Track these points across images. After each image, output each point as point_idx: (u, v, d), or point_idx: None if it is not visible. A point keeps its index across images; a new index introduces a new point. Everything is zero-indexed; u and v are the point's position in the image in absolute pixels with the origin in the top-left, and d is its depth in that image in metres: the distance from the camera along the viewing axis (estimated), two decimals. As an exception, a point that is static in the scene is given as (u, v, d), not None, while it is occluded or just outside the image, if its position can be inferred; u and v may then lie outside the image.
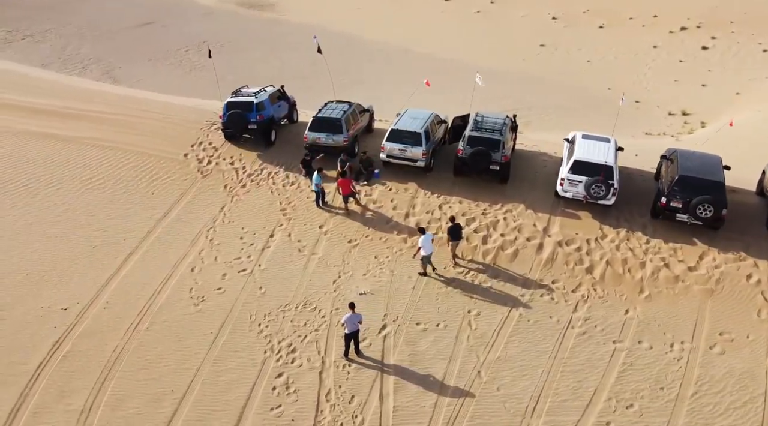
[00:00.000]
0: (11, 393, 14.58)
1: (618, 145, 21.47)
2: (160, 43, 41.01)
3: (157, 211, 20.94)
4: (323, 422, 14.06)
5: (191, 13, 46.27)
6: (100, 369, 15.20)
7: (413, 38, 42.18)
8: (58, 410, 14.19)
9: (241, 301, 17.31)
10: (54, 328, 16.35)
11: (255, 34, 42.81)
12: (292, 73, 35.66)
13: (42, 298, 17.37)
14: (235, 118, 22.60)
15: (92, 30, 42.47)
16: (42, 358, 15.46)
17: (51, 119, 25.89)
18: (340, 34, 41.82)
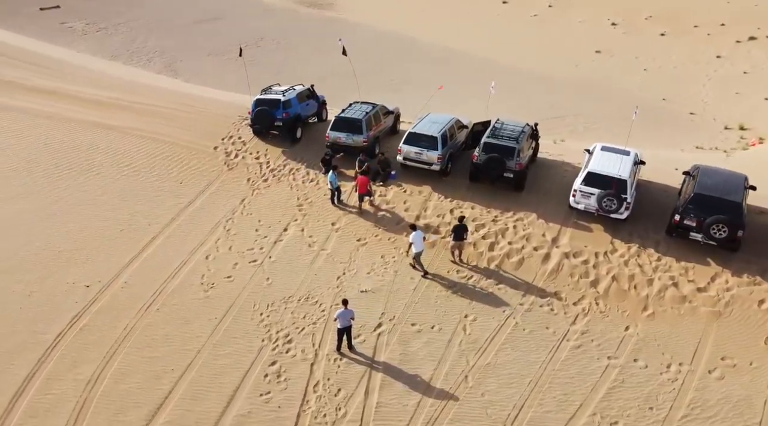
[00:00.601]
0: (30, 359, 15.87)
1: (640, 158, 21.07)
2: (220, 38, 42.34)
3: (183, 199, 22.11)
4: (308, 411, 14.62)
5: (253, 10, 47.59)
6: (111, 344, 16.31)
7: (467, 41, 41.91)
8: (68, 378, 15.36)
9: (248, 291, 18.12)
10: (75, 303, 17.63)
11: (310, 32, 43.67)
12: (340, 72, 36.01)
13: (69, 275, 18.74)
14: (262, 115, 23.53)
15: (161, 24, 44.29)
16: (61, 330, 16.74)
17: (99, 109, 27.63)
18: (394, 34, 42.19)
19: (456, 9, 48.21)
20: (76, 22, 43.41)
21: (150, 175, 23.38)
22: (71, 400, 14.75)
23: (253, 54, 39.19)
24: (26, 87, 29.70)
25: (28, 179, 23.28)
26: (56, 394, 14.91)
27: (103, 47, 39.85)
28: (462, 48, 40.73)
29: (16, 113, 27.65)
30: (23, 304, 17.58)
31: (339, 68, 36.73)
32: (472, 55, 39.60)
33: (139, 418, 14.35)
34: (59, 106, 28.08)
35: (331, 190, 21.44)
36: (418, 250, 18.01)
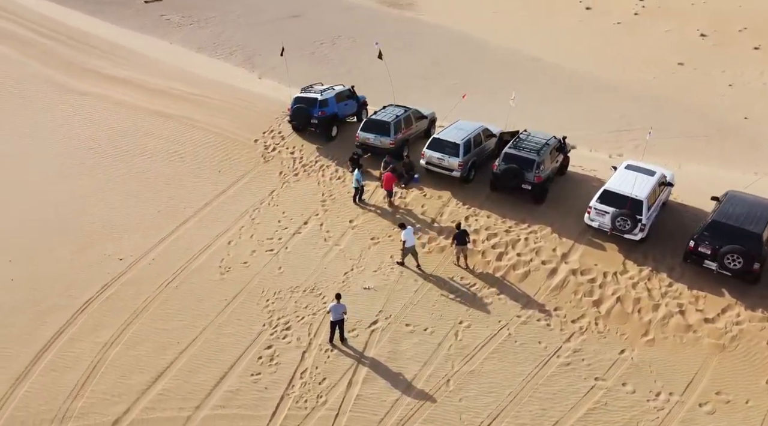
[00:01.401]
0: (60, 319, 17.73)
1: (670, 180, 20.34)
2: (300, 34, 43.58)
3: (219, 187, 23.60)
4: (291, 395, 15.46)
5: (334, 8, 48.62)
6: (130, 313, 17.90)
7: (544, 47, 40.89)
8: (87, 340, 17.05)
9: (260, 277, 19.22)
10: (107, 273, 19.42)
11: (387, 32, 43.96)
12: (411, 73, 36.36)
13: (107, 247, 20.62)
14: (299, 112, 24.66)
15: (248, 19, 45.99)
16: (90, 296, 18.55)
17: (161, 98, 29.85)
18: (469, 37, 41.95)
19: (537, 13, 47.18)
20: (173, 15, 46.04)
21: (194, 163, 25.13)
22: (87, 360, 16.41)
23: (327, 52, 40.26)
24: (102, 75, 32.52)
25: (90, 158, 25.66)
26: (75, 353, 16.64)
27: (193, 39, 41.88)
28: (535, 53, 39.84)
29: (90, 98, 30.42)
30: (65, 270, 19.65)
31: (409, 69, 37.22)
32: (544, 60, 38.72)
33: (140, 383, 15.76)
34: (128, 94, 30.59)
35: (355, 189, 22.25)
36: (410, 245, 18.83)
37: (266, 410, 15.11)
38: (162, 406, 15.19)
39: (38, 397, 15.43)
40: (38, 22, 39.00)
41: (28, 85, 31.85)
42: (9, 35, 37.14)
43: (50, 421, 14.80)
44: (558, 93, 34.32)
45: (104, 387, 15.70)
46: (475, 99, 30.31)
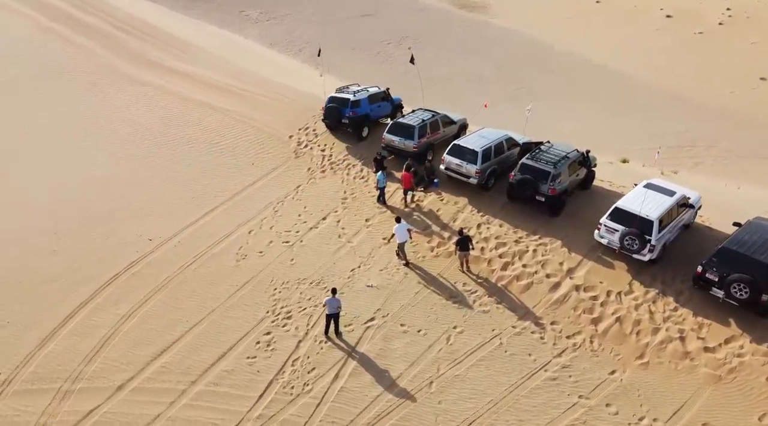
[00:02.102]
0: (88, 290, 19.39)
1: (692, 202, 19.62)
2: (369, 33, 43.90)
3: (249, 178, 24.83)
4: (279, 381, 16.29)
5: (406, 8, 48.75)
6: (149, 290, 19.33)
7: (614, 54, 39.48)
8: (109, 311, 18.59)
9: (272, 267, 20.19)
10: (136, 252, 21.02)
11: (455, 34, 43.88)
12: (471, 76, 36.20)
13: (140, 228, 22.25)
14: (330, 112, 25.49)
15: (322, 17, 46.93)
16: (118, 271, 20.14)
17: (212, 92, 31.54)
18: (537, 41, 41.35)
19: (613, 20, 45.60)
20: (252, 10, 47.60)
21: (231, 154, 26.51)
22: (104, 329, 17.93)
23: (392, 51, 40.44)
24: (164, 67, 34.70)
25: (141, 144, 27.58)
26: (96, 322, 18.21)
27: (267, 35, 43.14)
28: (602, 61, 38.70)
29: (149, 88, 32.57)
30: (100, 246, 21.40)
31: (469, 72, 36.88)
32: (609, 68, 37.58)
33: (146, 355, 17.07)
34: (183, 85, 32.53)
35: (379, 189, 22.81)
36: (400, 241, 19.48)
37: (255, 392, 16.02)
38: (162, 378, 16.43)
39: (58, 358, 17.07)
40: (118, 17, 41.92)
41: (100, 74, 34.42)
42: (92, 29, 40.16)
43: (64, 380, 16.36)
44: (620, 103, 33.33)
45: (115, 355, 17.15)
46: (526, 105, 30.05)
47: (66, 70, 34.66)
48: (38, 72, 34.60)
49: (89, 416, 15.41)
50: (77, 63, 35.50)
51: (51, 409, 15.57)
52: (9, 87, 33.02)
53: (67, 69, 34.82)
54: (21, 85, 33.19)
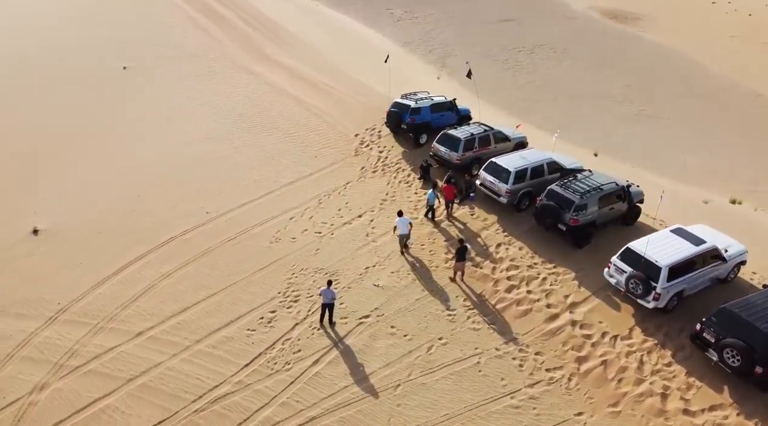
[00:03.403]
0: (144, 248, 22.47)
1: (731, 255, 17.99)
2: (504, 39, 44.11)
3: (308, 170, 26.81)
4: (266, 355, 17.96)
5: (552, 16, 48.17)
6: (191, 256, 22.00)
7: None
8: (153, 268, 21.52)
9: (297, 253, 21.94)
10: (193, 221, 23.85)
11: (593, 45, 42.98)
12: (598, 92, 35.35)
13: (203, 202, 25.03)
14: (391, 116, 26.63)
15: (463, 19, 47.89)
16: (172, 236, 23.05)
17: (302, 85, 34.14)
18: (687, 60, 39.08)
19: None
20: (398, 9, 49.94)
21: (300, 145, 28.71)
22: (146, 282, 20.83)
23: (521, 59, 40.64)
24: (272, 60, 38.03)
25: (231, 127, 30.81)
26: (141, 275, 21.20)
27: (403, 33, 44.87)
28: (760, 89, 35.31)
29: (254, 78, 35.96)
30: (166, 212, 24.58)
31: (594, 88, 35.77)
32: (766, 98, 34.53)
33: (170, 310, 19.62)
34: (282, 78, 35.52)
35: (429, 206, 23.20)
36: (401, 233, 20.80)
37: (243, 360, 17.87)
38: (174, 332, 18.89)
39: (103, 299, 20.25)
40: (249, 13, 46.36)
41: (220, 62, 38.62)
42: (226, 22, 44.94)
43: (101, 318, 19.44)
44: (763, 141, 30.70)
45: (146, 306, 19.96)
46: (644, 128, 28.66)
47: (196, 56, 39.29)
48: (174, 56, 39.58)
49: (109, 352, 18.26)
50: (206, 51, 40.05)
51: (84, 340, 18.69)
52: (148, 68, 38.23)
53: (197, 55, 39.45)
54: (159, 67, 38.27)
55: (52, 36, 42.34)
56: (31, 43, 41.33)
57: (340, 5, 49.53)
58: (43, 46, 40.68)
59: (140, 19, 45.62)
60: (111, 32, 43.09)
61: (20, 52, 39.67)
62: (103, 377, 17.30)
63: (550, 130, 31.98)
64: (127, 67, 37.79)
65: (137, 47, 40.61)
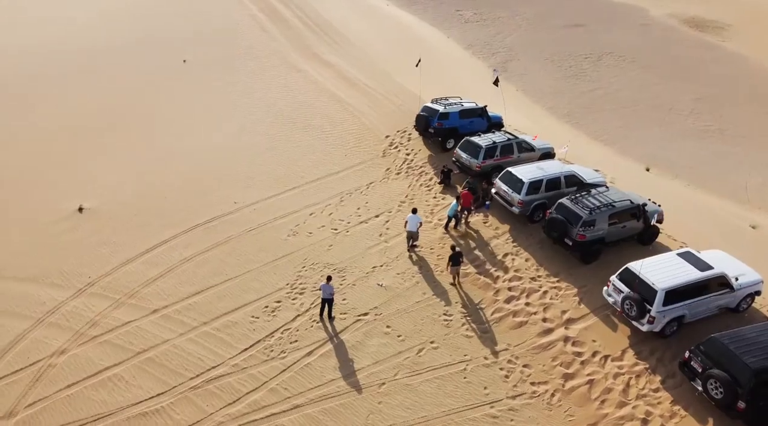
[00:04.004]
0: (172, 232, 23.88)
1: (743, 284, 17.19)
2: (571, 45, 43.29)
3: (336, 168, 27.57)
4: (264, 342, 18.83)
5: (627, 23, 46.72)
6: (212, 243, 23.21)
7: None
8: (177, 252, 22.87)
9: (311, 248, 22.72)
10: (220, 209, 25.09)
11: (667, 54, 41.73)
12: (662, 104, 34.22)
13: (234, 193, 26.24)
14: (419, 120, 26.93)
15: (532, 23, 47.35)
16: (199, 222, 24.40)
17: (343, 84, 34.98)
18: None
19: None
20: (468, 11, 49.52)
21: (332, 142, 29.54)
22: (168, 264, 22.21)
23: (586, 67, 40.12)
24: (320, 58, 39.10)
25: (270, 122, 32.02)
26: (165, 258, 22.59)
27: (469, 36, 44.69)
28: None
29: (300, 76, 37.14)
30: (197, 199, 25.95)
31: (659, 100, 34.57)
32: None
33: (185, 292, 20.86)
34: (326, 76, 36.52)
35: (449, 217, 23.04)
36: (409, 229, 21.32)
37: (242, 345, 18.83)
38: (185, 313, 20.11)
39: (128, 277, 21.78)
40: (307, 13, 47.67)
41: (271, 59, 40.10)
42: (284, 21, 46.50)
43: (123, 294, 20.94)
44: None
45: (165, 286, 21.32)
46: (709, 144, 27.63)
47: (251, 53, 41.00)
48: (231, 51, 41.42)
49: (125, 325, 19.70)
50: (260, 48, 41.70)
51: (105, 312, 20.24)
52: (205, 62, 40.22)
53: (252, 52, 41.16)
54: (215, 61, 40.18)
55: (123, 27, 45.35)
56: (104, 34, 44.42)
57: (411, 4, 49.96)
58: (114, 38, 43.67)
59: (207, 15, 47.99)
60: (178, 26, 45.64)
61: (91, 44, 42.76)
62: (116, 348, 18.76)
63: (604, 142, 31.50)
64: (186, 61, 40.00)
65: (200, 42, 42.81)
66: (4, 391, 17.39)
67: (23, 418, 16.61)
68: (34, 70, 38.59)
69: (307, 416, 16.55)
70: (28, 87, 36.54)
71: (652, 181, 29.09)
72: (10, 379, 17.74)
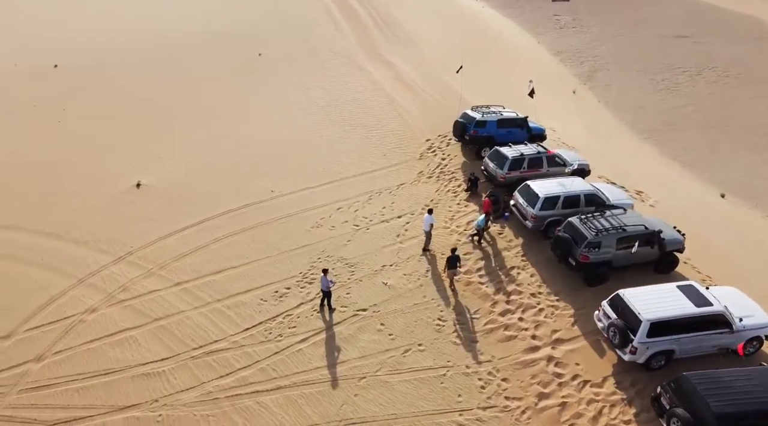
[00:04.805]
0: (208, 213, 25.79)
1: (748, 326, 16.13)
2: (670, 57, 41.59)
3: (373, 166, 28.39)
4: (266, 325, 20.05)
5: (738, 35, 44.41)
6: (241, 228, 24.81)
7: None
8: (209, 232, 24.67)
9: (329, 241, 23.73)
10: (255, 197, 26.73)
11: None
12: (756, 125, 32.50)
13: (273, 183, 27.82)
14: (456, 126, 27.10)
15: (632, 31, 45.90)
16: (234, 207, 26.14)
17: (399, 85, 35.65)
18: None
19: None
20: (565, 16, 48.60)
21: (375, 142, 30.39)
22: (199, 242, 24.06)
23: (681, 81, 38.77)
24: (383, 58, 40.04)
25: (322, 118, 33.42)
26: (198, 237, 24.47)
27: (560, 42, 44.02)
28: None
29: (361, 74, 38.28)
30: (236, 186, 27.72)
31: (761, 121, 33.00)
32: None
33: (208, 269, 22.56)
34: (384, 75, 37.44)
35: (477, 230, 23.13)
36: (424, 229, 21.97)
37: (245, 324, 20.18)
38: (202, 288, 21.78)
39: (162, 251, 23.84)
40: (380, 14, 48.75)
41: (337, 56, 41.62)
42: (356, 20, 47.92)
43: (154, 264, 22.97)
44: None
45: (191, 262, 23.15)
46: None
47: (320, 49, 42.76)
48: (304, 47, 43.47)
49: (150, 294, 21.69)
50: (330, 45, 43.40)
51: (136, 280, 22.36)
52: (278, 57, 42.47)
53: (322, 48, 42.91)
54: (287, 56, 42.39)
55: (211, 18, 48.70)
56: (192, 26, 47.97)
57: (507, 7, 49.52)
58: (200, 30, 47.05)
59: (290, 12, 50.42)
60: (263, 20, 48.35)
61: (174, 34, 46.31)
62: (137, 313, 20.77)
63: (682, 162, 30.02)
64: (262, 54, 42.41)
65: (277, 37, 45.19)
66: (39, 338, 19.87)
67: (48, 364, 18.92)
68: (128, 56, 42.58)
69: (287, 397, 17.60)
70: (119, 70, 40.45)
71: (725, 210, 27.36)
72: (46, 329, 20.22)
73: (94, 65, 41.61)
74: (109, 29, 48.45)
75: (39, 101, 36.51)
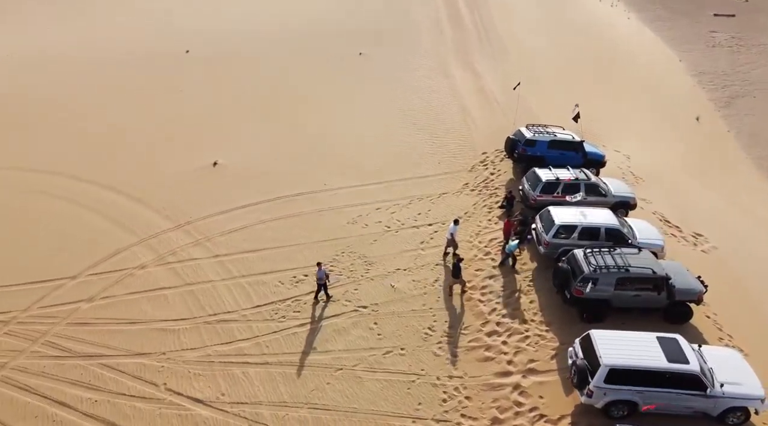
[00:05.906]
0: (261, 197, 28.13)
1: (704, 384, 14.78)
2: None
3: (425, 172, 29.06)
4: (275, 305, 21.78)
5: None
6: (286, 214, 26.85)
7: None
8: (255, 214, 26.96)
9: (358, 238, 24.92)
10: (306, 187, 28.59)
11: None
12: None
13: (327, 175, 29.56)
14: (507, 143, 26.79)
15: None
16: (287, 194, 28.26)
17: (475, 95, 35.71)
18: None
19: None
20: (724, 33, 45.02)
21: (435, 149, 31.01)
22: (244, 222, 26.43)
23: None
24: (471, 67, 40.06)
25: (396, 122, 34.52)
26: (246, 218, 26.84)
27: (705, 62, 40.90)
28: None
29: (445, 80, 38.82)
30: (295, 176, 29.77)
31: None
32: None
33: (242, 248, 24.82)
34: (467, 84, 37.53)
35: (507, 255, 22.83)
36: (447, 237, 22.41)
37: (259, 301, 22.08)
38: (235, 263, 24.06)
39: (214, 224, 26.47)
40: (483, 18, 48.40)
41: (429, 60, 42.34)
42: (460, 24, 48.12)
43: (203, 236, 25.67)
44: None
45: (234, 239, 25.53)
46: None
47: (416, 53, 43.80)
48: (402, 49, 44.76)
49: (191, 261, 24.34)
50: (426, 49, 44.34)
51: (185, 247, 25.05)
52: (377, 57, 44.11)
53: (418, 52, 43.93)
54: (384, 57, 43.95)
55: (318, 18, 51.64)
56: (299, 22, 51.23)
57: (656, 20, 46.70)
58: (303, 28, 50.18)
59: (401, 12, 51.94)
60: (371, 20, 50.41)
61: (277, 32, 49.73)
62: (176, 275, 23.59)
63: None
64: (362, 54, 44.45)
65: (380, 38, 46.97)
66: (96, 282, 23.39)
67: (95, 306, 22.28)
68: (255, 46, 46.85)
69: (269, 373, 19.23)
70: (227, 62, 44.71)
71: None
72: (104, 276, 23.71)
73: (221, 54, 46.38)
74: (247, 24, 53.45)
75: (165, 82, 41.68)
